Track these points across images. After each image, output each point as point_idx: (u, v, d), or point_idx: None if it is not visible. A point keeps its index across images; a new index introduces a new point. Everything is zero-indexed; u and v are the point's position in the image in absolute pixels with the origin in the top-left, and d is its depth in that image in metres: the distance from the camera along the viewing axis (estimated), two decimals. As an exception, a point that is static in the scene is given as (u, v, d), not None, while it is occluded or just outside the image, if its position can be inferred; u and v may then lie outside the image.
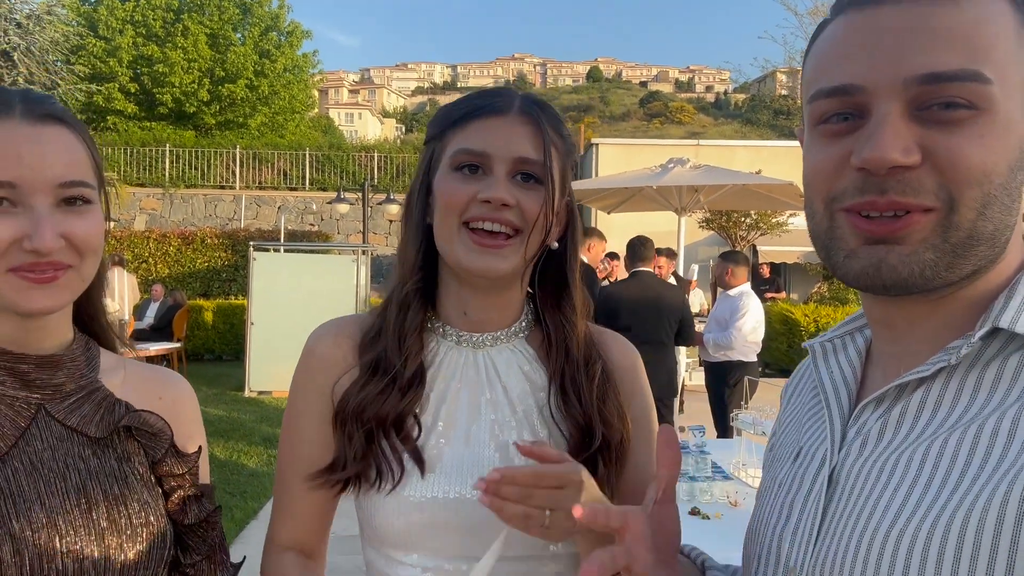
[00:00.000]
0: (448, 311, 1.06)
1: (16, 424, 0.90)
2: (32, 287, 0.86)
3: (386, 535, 1.00)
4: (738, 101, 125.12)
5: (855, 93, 0.66)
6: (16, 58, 12.89)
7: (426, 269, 1.05)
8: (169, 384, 1.07)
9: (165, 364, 11.65)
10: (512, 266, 0.99)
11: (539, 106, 1.02)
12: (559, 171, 1.01)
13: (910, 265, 0.65)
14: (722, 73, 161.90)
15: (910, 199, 0.64)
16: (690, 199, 8.14)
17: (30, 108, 0.87)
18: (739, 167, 12.04)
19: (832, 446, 0.75)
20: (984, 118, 0.63)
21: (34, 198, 0.85)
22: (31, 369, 0.92)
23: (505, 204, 0.96)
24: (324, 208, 19.33)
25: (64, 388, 0.94)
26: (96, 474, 0.93)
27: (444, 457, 0.99)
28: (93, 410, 0.96)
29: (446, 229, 0.98)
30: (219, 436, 7.33)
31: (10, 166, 0.84)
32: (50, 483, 0.89)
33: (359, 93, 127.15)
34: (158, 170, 20.91)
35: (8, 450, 0.88)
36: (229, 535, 4.80)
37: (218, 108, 27.42)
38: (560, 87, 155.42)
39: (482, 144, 0.97)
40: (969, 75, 0.62)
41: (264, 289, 10.03)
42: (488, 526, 0.97)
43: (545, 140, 0.98)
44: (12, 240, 0.84)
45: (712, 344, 5.61)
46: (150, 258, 16.84)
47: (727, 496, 2.83)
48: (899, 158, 0.63)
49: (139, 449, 0.98)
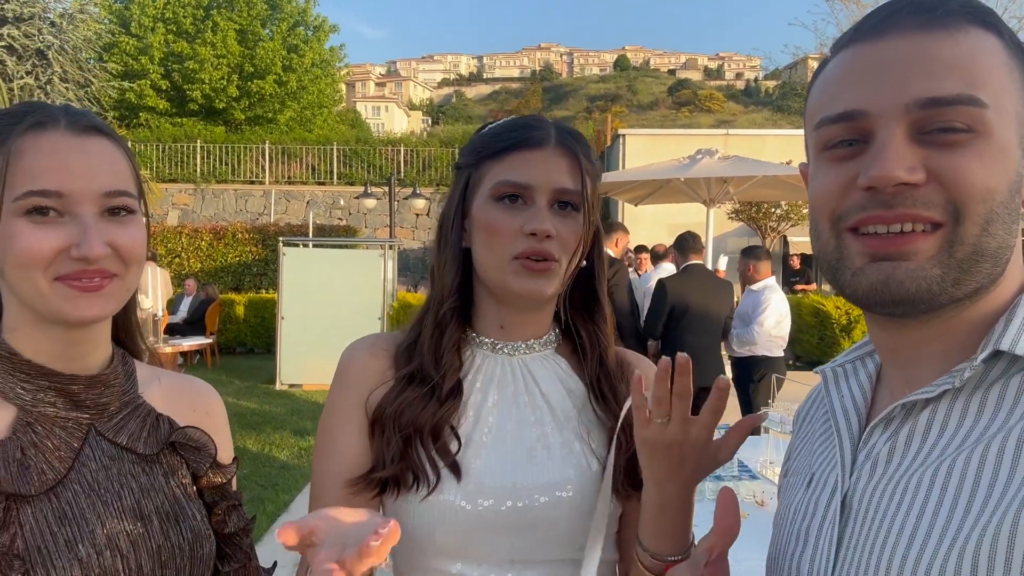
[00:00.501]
0: (484, 325, 1.11)
1: (71, 446, 0.91)
2: (79, 295, 0.87)
3: (422, 543, 1.01)
4: (768, 88, 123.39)
5: (859, 118, 0.69)
6: (51, 56, 13.15)
7: (463, 289, 1.09)
8: (201, 394, 1.10)
9: (198, 358, 11.90)
10: (554, 289, 1.04)
11: (574, 137, 1.07)
12: (592, 197, 1.06)
13: (917, 280, 0.67)
14: (752, 60, 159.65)
15: (920, 211, 0.66)
16: (719, 190, 8.06)
17: (74, 120, 0.89)
18: (769, 157, 11.90)
19: (843, 471, 0.75)
20: (982, 140, 0.66)
21: (80, 207, 0.86)
22: (81, 390, 0.93)
23: (549, 235, 1.01)
24: (352, 202, 19.46)
25: (110, 407, 0.96)
26: (147, 491, 0.94)
27: (482, 463, 1.01)
28: (139, 426, 0.97)
29: (494, 260, 1.03)
30: (251, 429, 7.45)
31: (57, 176, 0.86)
32: (108, 503, 0.90)
33: (386, 86, 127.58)
34: (190, 166, 21.21)
35: (67, 472, 0.89)
36: (261, 527, 4.87)
37: (247, 104, 27.71)
38: (587, 76, 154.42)
39: (524, 176, 1.02)
40: (966, 99, 0.66)
41: (294, 283, 10.15)
42: (526, 532, 1.00)
43: (582, 170, 1.04)
44: (60, 249, 0.86)
45: (736, 339, 5.57)
46: (183, 253, 17.13)
47: (754, 496, 2.80)
48: (904, 175, 0.66)
49: (182, 463, 1.00)
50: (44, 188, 0.85)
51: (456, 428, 1.03)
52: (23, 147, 0.86)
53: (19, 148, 0.86)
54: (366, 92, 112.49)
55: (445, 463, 1.01)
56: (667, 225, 13.76)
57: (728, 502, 0.83)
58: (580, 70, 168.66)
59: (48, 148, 0.87)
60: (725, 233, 16.06)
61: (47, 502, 0.86)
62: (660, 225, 15.00)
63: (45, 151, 0.86)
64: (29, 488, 0.85)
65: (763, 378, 5.42)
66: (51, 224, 0.86)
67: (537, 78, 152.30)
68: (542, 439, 1.04)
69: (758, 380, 5.43)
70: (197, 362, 11.92)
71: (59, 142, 0.87)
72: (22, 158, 0.85)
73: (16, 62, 12.86)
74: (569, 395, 1.09)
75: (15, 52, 12.88)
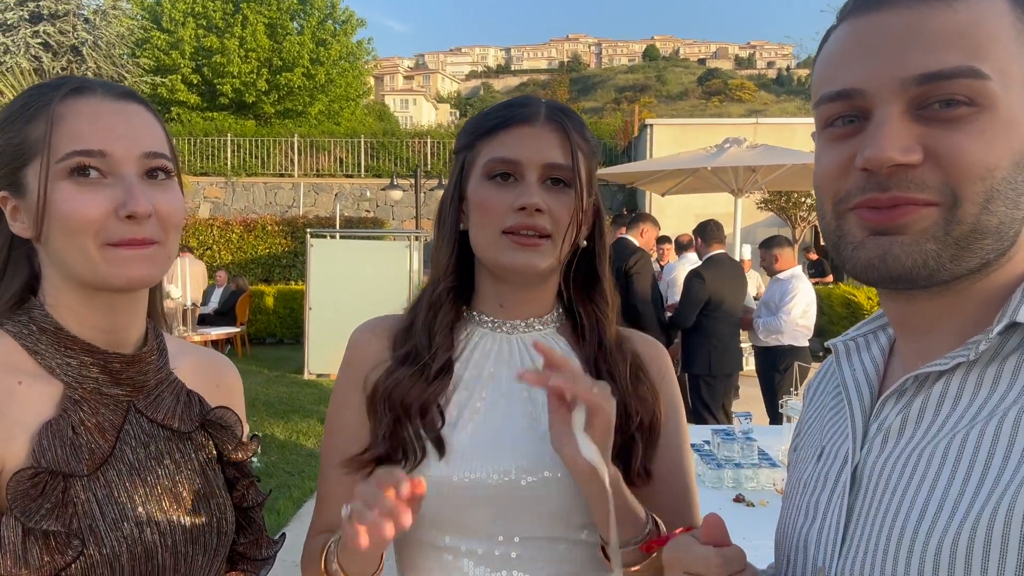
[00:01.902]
0: (484, 304, 1.12)
1: (114, 423, 0.91)
2: (129, 257, 0.87)
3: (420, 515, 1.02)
4: (801, 77, 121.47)
5: (856, 97, 0.68)
6: (85, 52, 13.40)
7: (459, 271, 1.10)
8: (225, 371, 1.11)
9: (229, 347, 12.08)
10: (547, 264, 1.04)
11: (564, 112, 1.07)
12: (586, 173, 1.05)
13: (913, 255, 0.66)
14: (784, 48, 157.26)
15: (914, 194, 0.66)
16: (747, 180, 7.97)
17: (110, 87, 0.91)
18: (799, 145, 11.69)
19: (854, 443, 0.74)
20: (984, 114, 0.64)
21: (124, 167, 0.87)
22: (122, 367, 0.93)
23: (539, 209, 1.01)
24: (379, 194, 19.56)
25: (147, 383, 0.96)
26: (181, 468, 0.96)
27: (468, 437, 1.03)
28: (173, 402, 0.98)
29: (486, 237, 1.04)
30: (279, 417, 7.55)
31: (100, 136, 0.87)
32: (147, 481, 0.91)
33: (413, 79, 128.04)
34: (220, 159, 21.48)
35: (111, 451, 0.90)
36: (287, 512, 4.96)
37: (276, 97, 27.99)
38: (616, 67, 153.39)
39: (514, 152, 1.03)
40: (966, 71, 0.64)
41: (321, 275, 10.25)
42: (516, 507, 1.00)
43: (572, 145, 1.03)
44: (108, 211, 0.86)
45: (762, 328, 5.51)
46: (214, 245, 17.36)
47: (773, 484, 2.78)
48: (898, 157, 0.64)
49: (208, 440, 1.01)
50: (87, 148, 0.86)
51: (447, 405, 1.05)
52: (64, 112, 0.87)
53: (60, 113, 0.87)
54: (394, 85, 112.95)
55: (430, 438, 1.02)
56: (695, 215, 13.60)
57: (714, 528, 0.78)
58: (608, 61, 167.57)
59: (88, 112, 0.88)
60: (754, 223, 15.86)
61: (95, 480, 0.87)
62: (688, 215, 14.85)
63: (86, 114, 0.87)
64: (82, 468, 0.86)
65: (788, 368, 5.35)
66: (95, 186, 0.86)
67: (565, 69, 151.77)
68: (535, 417, 1.04)
69: (784, 370, 5.37)
70: (228, 352, 12.11)
71: (99, 106, 0.88)
72: (64, 122, 0.87)
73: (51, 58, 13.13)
74: None
75: (50, 48, 13.15)
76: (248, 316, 12.57)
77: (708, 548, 0.75)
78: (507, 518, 1.00)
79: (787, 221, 15.88)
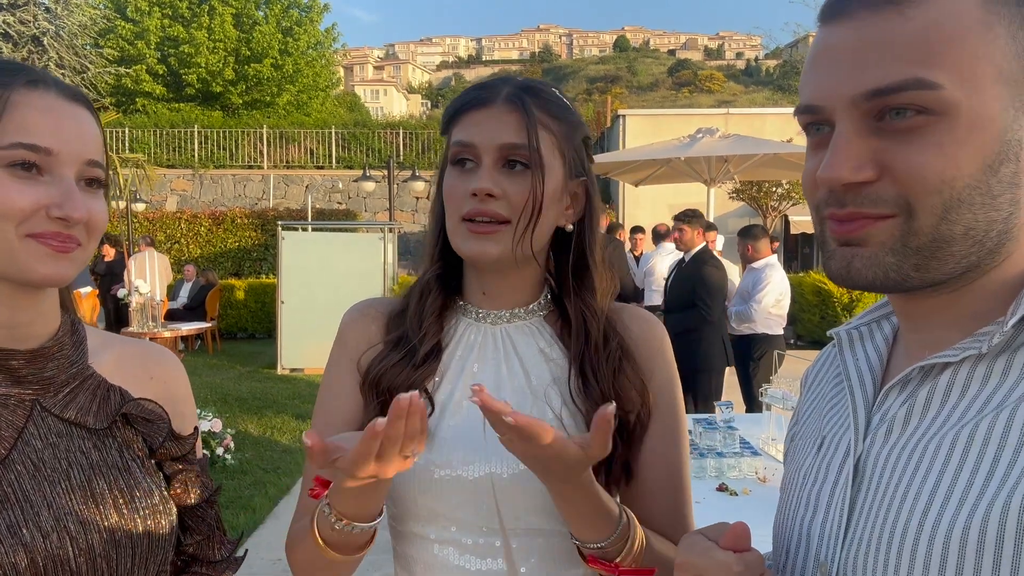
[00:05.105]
0: (469, 292, 1.10)
1: (13, 424, 0.87)
2: (53, 255, 0.85)
3: (407, 507, 1.02)
4: (769, 67, 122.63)
5: (819, 112, 0.69)
6: (46, 43, 13.07)
7: (447, 257, 1.08)
8: (160, 361, 1.05)
9: (199, 343, 11.91)
10: (501, 251, 1.00)
11: (527, 91, 1.02)
12: (558, 153, 1.02)
13: (873, 268, 0.67)
14: (752, 39, 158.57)
15: (869, 209, 0.66)
16: (720, 170, 8.02)
17: (64, 88, 0.89)
18: (770, 135, 11.82)
19: (856, 434, 0.73)
20: (942, 123, 0.63)
21: (65, 169, 0.86)
22: (22, 364, 0.89)
23: (490, 195, 0.98)
24: (351, 186, 19.38)
25: (56, 380, 0.92)
26: (99, 468, 0.91)
27: (453, 432, 1.01)
28: (88, 399, 0.93)
29: (450, 225, 1.03)
30: (253, 413, 7.46)
31: (49, 134, 0.85)
32: (55, 483, 0.87)
33: (384, 69, 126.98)
34: (187, 151, 21.12)
35: (8, 453, 0.85)
36: (263, 510, 4.90)
37: (244, 88, 27.58)
38: (586, 58, 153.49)
39: (470, 135, 1.00)
40: (913, 83, 0.62)
41: (293, 268, 10.14)
42: (505, 501, 0.98)
43: (530, 123, 0.99)
44: (39, 206, 0.83)
45: (734, 316, 5.56)
46: (182, 239, 17.10)
47: (756, 472, 2.80)
48: (849, 176, 0.65)
49: (137, 436, 0.96)
50: (35, 143, 0.83)
51: (432, 394, 1.03)
52: (18, 100, 0.84)
53: (14, 101, 0.84)
54: (364, 76, 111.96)
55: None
56: (668, 205, 13.70)
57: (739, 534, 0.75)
58: (579, 51, 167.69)
59: (43, 106, 0.85)
60: (726, 213, 15.99)
61: None
62: (661, 206, 14.93)
63: (39, 108, 0.85)
64: None
65: (763, 356, 5.41)
66: (30, 180, 0.84)
67: (536, 60, 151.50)
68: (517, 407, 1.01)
69: (758, 358, 5.43)
70: (198, 347, 11.93)
71: (53, 102, 0.86)
72: (16, 110, 0.84)
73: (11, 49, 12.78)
74: (549, 366, 1.05)
75: (10, 39, 12.80)
76: (219, 311, 12.40)
77: (728, 554, 0.72)
78: (491, 510, 0.99)
79: (758, 211, 16.04)
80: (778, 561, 0.82)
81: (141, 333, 7.13)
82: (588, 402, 1.02)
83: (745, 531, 0.73)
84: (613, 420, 0.84)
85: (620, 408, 1.02)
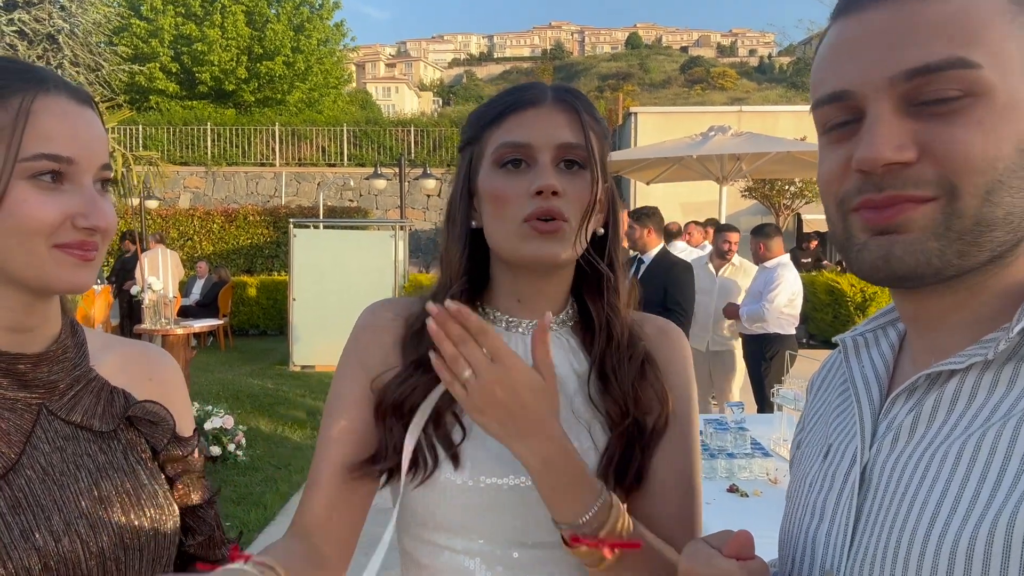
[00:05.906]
0: (500, 301, 1.07)
1: (21, 428, 0.87)
2: (79, 263, 0.85)
3: (423, 518, 1.00)
4: (783, 65, 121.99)
5: (848, 98, 0.67)
6: (61, 40, 13.15)
7: (472, 270, 1.06)
8: (158, 363, 1.05)
9: (211, 340, 11.98)
10: (568, 252, 0.99)
11: (572, 93, 1.02)
12: (599, 155, 1.01)
13: (915, 254, 0.64)
14: (766, 36, 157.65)
15: (910, 192, 0.64)
16: (732, 168, 7.99)
17: (72, 90, 0.88)
18: (783, 133, 11.75)
19: (863, 442, 0.72)
20: (981, 103, 0.62)
21: (85, 177, 0.85)
22: (28, 368, 0.89)
23: (555, 192, 0.96)
24: (362, 184, 19.41)
25: (60, 383, 0.91)
26: (106, 470, 0.91)
27: (488, 446, 0.98)
28: (93, 402, 0.93)
29: (503, 228, 0.98)
30: (264, 410, 7.48)
31: (70, 143, 0.84)
32: (64, 487, 0.87)
33: (395, 67, 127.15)
34: (200, 149, 21.23)
35: (18, 458, 0.85)
36: (274, 506, 4.92)
37: (256, 86, 27.68)
38: (598, 55, 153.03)
39: (524, 135, 0.97)
40: (954, 63, 0.62)
41: (305, 265, 10.18)
42: (528, 512, 0.97)
43: (584, 124, 0.99)
44: (65, 217, 0.83)
45: (746, 316, 5.52)
46: (195, 236, 17.20)
47: (766, 473, 2.79)
48: (891, 155, 0.63)
49: (140, 438, 0.96)
50: (58, 153, 0.83)
51: (461, 417, 0.99)
52: (36, 108, 0.83)
53: (34, 109, 0.83)
54: (376, 73, 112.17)
55: (445, 451, 0.98)
56: (680, 204, 13.66)
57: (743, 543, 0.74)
58: (591, 48, 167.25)
59: (58, 111, 0.85)
60: (738, 212, 15.90)
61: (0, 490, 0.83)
62: (672, 204, 14.87)
63: (56, 114, 0.84)
64: None
65: (775, 356, 5.37)
66: (53, 191, 0.83)
67: (548, 57, 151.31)
68: None
69: (770, 358, 5.39)
70: (210, 344, 12.00)
71: (67, 107, 0.86)
72: (36, 118, 0.83)
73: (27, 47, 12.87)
74: (575, 375, 1.04)
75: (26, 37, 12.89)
76: (231, 308, 12.46)
77: (731, 562, 0.71)
78: (522, 524, 0.98)
79: (771, 209, 15.96)
80: (783, 569, 0.81)
81: (154, 330, 7.15)
82: (609, 404, 1.02)
83: (749, 539, 0.73)
84: (550, 327, 0.89)
85: (639, 411, 1.01)
